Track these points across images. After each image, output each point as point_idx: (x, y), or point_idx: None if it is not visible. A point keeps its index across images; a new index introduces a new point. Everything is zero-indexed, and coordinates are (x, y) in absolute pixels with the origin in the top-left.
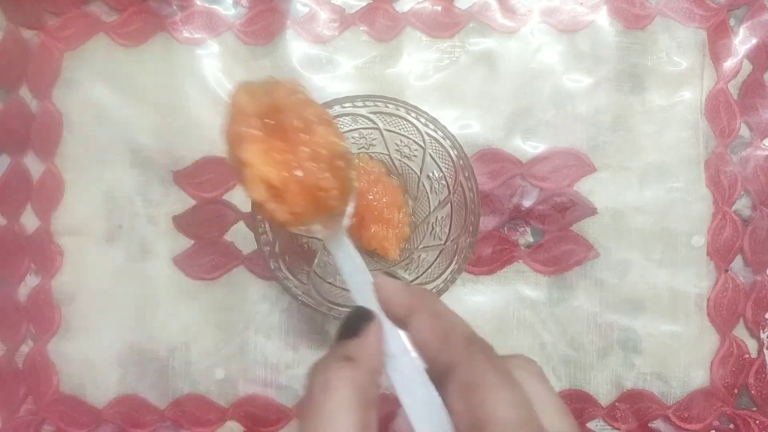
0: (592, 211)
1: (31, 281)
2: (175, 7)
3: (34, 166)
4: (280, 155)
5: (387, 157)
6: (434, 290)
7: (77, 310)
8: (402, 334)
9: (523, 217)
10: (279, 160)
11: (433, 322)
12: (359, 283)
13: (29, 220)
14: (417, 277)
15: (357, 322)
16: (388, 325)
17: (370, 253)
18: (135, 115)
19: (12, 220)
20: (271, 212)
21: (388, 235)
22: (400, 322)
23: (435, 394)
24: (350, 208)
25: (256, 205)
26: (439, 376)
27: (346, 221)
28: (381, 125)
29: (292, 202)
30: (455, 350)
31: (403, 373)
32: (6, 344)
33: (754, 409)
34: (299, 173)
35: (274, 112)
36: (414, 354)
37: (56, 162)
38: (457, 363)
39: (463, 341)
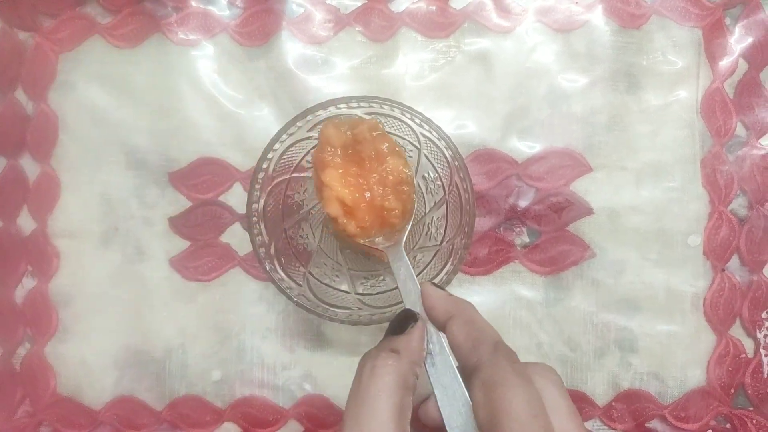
0: (588, 211)
1: (28, 283)
2: (170, 9)
3: (30, 167)
4: (354, 179)
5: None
6: None
7: (74, 313)
8: (440, 335)
9: (519, 217)
10: (353, 183)
11: (467, 328)
12: (409, 289)
13: (26, 222)
14: None
15: (404, 321)
16: (430, 327)
17: (366, 254)
18: (130, 117)
19: (8, 222)
20: (343, 225)
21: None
22: (440, 325)
23: (462, 387)
24: (409, 225)
25: (331, 219)
26: (468, 373)
27: (405, 236)
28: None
29: (361, 218)
30: (483, 353)
31: (437, 368)
32: (3, 347)
33: (751, 408)
34: (368, 195)
35: (354, 143)
36: (448, 353)
37: (52, 164)
38: (484, 363)
39: (491, 346)
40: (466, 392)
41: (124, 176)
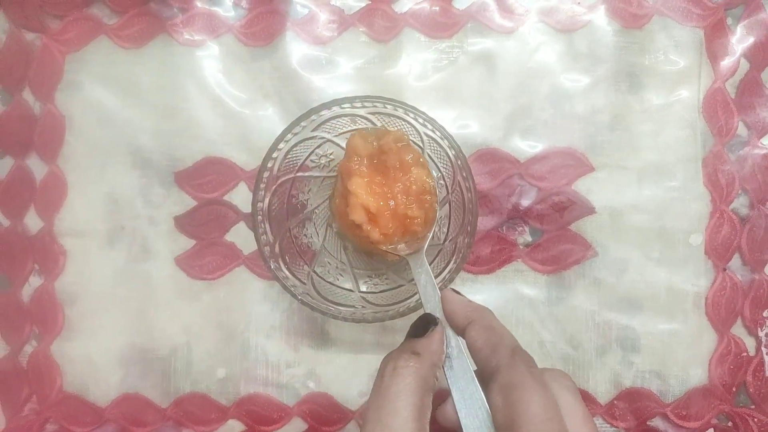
0: (590, 211)
1: (35, 282)
2: (175, 10)
3: (37, 167)
4: (379, 188)
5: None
6: None
7: (80, 311)
8: (459, 340)
9: (521, 216)
10: (378, 192)
11: (486, 333)
12: (430, 294)
13: (32, 222)
14: None
15: (425, 325)
16: (448, 331)
17: (369, 253)
18: (136, 117)
19: (16, 222)
20: (367, 232)
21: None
22: (459, 330)
23: (479, 391)
24: (430, 234)
25: (356, 226)
26: (486, 377)
27: (426, 244)
28: (380, 126)
29: (384, 225)
30: (501, 357)
31: (456, 371)
32: (10, 344)
33: (752, 407)
34: (392, 203)
35: (380, 153)
36: (466, 357)
37: (59, 164)
38: (502, 367)
39: (509, 351)
40: (483, 395)
41: (130, 176)
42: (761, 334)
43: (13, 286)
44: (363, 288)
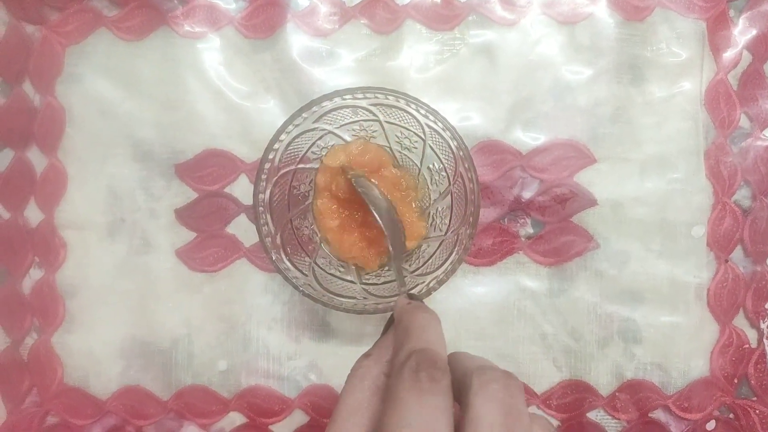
0: (592, 203)
1: (35, 274)
2: (176, 2)
3: (37, 160)
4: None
5: (388, 148)
6: (435, 281)
7: (81, 303)
8: None
9: (523, 208)
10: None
11: (398, 334)
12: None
13: (33, 214)
14: (418, 268)
15: (387, 326)
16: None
17: (352, 258)
18: (137, 109)
19: (16, 214)
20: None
21: (368, 252)
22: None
23: None
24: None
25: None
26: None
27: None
28: (381, 117)
29: (348, 250)
30: (396, 363)
31: None
32: (11, 337)
33: (754, 398)
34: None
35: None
36: None
37: (59, 156)
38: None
39: (403, 356)
40: None
41: (130, 168)
42: (763, 326)
43: (13, 278)
44: (364, 279)
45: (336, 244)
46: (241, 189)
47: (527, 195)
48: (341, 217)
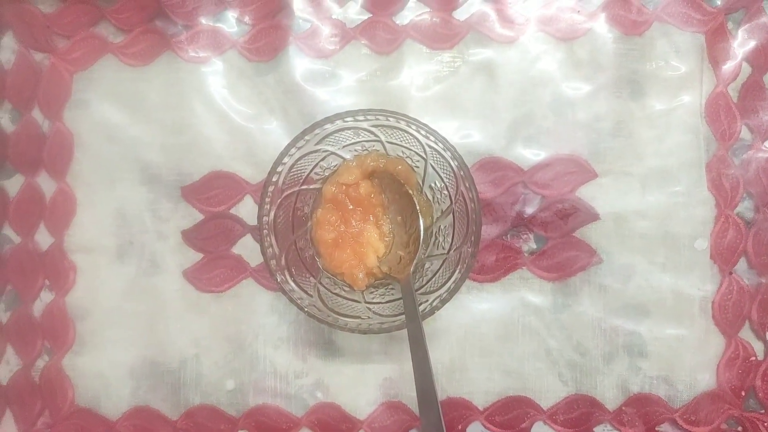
0: (594, 217)
1: (46, 297)
2: (180, 27)
3: (46, 185)
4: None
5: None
6: (438, 299)
7: (91, 325)
8: None
9: (525, 224)
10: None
11: None
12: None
13: (43, 238)
14: (421, 286)
15: None
16: None
17: (340, 274)
18: (143, 133)
19: (26, 238)
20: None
21: (357, 269)
22: None
23: None
24: (413, 262)
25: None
26: None
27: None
28: (383, 138)
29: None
30: None
31: None
32: (22, 359)
33: (762, 411)
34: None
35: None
36: None
37: (68, 181)
38: None
39: None
40: None
41: (137, 191)
42: None
43: (24, 302)
44: (369, 298)
45: (327, 258)
46: (247, 210)
47: (529, 211)
48: (337, 231)
